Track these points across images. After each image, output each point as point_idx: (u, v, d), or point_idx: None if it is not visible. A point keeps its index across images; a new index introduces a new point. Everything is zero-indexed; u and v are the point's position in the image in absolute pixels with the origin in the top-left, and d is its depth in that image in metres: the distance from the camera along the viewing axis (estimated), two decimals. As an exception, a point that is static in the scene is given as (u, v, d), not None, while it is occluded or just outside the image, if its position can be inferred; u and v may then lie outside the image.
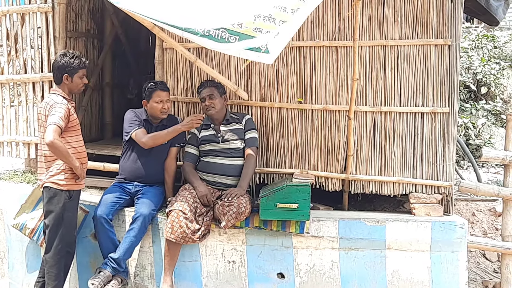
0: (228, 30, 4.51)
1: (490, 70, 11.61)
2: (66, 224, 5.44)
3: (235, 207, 5.52)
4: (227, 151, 5.95)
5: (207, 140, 6.01)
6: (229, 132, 5.99)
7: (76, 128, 5.51)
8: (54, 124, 5.17)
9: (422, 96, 5.99)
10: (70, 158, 5.29)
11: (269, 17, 4.59)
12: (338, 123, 6.15)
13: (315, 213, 5.91)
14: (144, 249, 5.93)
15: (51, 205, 5.42)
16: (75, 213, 5.57)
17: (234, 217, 5.52)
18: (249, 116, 6.17)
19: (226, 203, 5.56)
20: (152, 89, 6.00)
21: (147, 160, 6.00)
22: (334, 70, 6.11)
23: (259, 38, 4.47)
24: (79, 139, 5.55)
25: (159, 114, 6.02)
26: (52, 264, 5.48)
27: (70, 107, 5.43)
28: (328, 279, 5.81)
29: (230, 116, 6.10)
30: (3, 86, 7.24)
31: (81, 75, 5.54)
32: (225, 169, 5.91)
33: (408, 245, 5.76)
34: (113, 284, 5.55)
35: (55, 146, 5.13)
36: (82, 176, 5.47)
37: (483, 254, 7.27)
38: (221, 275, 5.87)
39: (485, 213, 7.67)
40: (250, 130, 6.08)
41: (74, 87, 5.54)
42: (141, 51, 9.83)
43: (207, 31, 4.51)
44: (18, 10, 6.98)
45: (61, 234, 5.43)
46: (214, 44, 4.53)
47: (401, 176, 6.06)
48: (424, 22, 5.93)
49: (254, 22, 4.55)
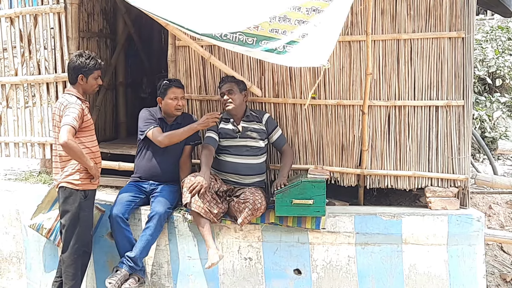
0: (245, 33, 4.59)
1: (504, 62, 11.54)
2: (82, 223, 5.47)
3: (251, 203, 5.52)
4: (243, 148, 5.94)
5: (224, 133, 6.00)
6: (248, 130, 5.98)
7: (90, 128, 5.52)
8: (68, 125, 5.19)
9: (436, 89, 5.97)
10: (84, 158, 5.31)
11: (284, 17, 4.68)
12: (352, 118, 6.13)
13: (331, 209, 5.90)
14: (160, 247, 5.94)
15: (66, 205, 5.46)
16: (90, 213, 5.60)
17: (250, 213, 5.53)
18: (268, 114, 6.15)
19: (241, 200, 5.58)
20: (167, 85, 6.01)
21: (162, 159, 6.01)
22: (347, 65, 6.09)
23: (278, 39, 4.57)
24: (93, 139, 5.58)
25: (173, 111, 6.02)
26: (69, 264, 5.50)
27: (84, 108, 5.45)
28: (345, 275, 5.79)
29: (250, 113, 6.08)
30: (18, 88, 7.27)
31: (96, 76, 5.56)
32: (240, 168, 5.91)
33: (425, 239, 5.74)
34: (130, 283, 5.56)
35: (69, 146, 5.16)
36: (96, 175, 5.49)
37: (501, 247, 7.24)
38: (238, 272, 5.88)
39: (502, 205, 7.63)
40: (275, 129, 6.09)
41: (88, 87, 5.57)
42: (154, 50, 9.85)
43: (224, 35, 4.59)
44: (31, 11, 7.00)
45: (77, 233, 5.46)
46: (233, 46, 4.62)
47: (416, 170, 6.04)
48: (437, 15, 5.90)
49: (270, 23, 4.63)
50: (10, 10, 7.15)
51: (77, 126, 5.28)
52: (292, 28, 4.61)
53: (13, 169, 8.31)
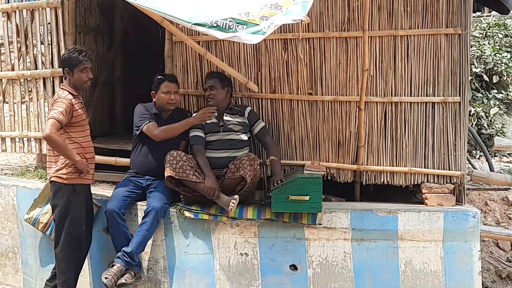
0: (235, 19, 4.57)
1: (501, 59, 11.55)
2: (72, 218, 5.47)
3: (246, 156, 5.73)
4: (225, 142, 5.97)
5: (208, 128, 6.02)
6: (231, 123, 6.00)
7: (81, 124, 5.52)
8: (53, 118, 5.22)
9: (432, 86, 5.97)
10: (69, 152, 5.31)
11: (276, 5, 4.65)
12: (349, 114, 6.14)
13: (327, 205, 5.91)
14: (157, 243, 5.94)
15: (56, 199, 5.49)
16: (82, 207, 5.57)
17: (249, 164, 5.65)
18: (250, 108, 6.19)
19: (236, 162, 5.75)
20: (161, 80, 6.04)
21: (158, 154, 5.99)
22: (344, 61, 6.09)
23: (263, 24, 4.54)
24: (85, 134, 5.57)
25: (166, 105, 6.03)
26: (61, 259, 5.54)
27: (76, 103, 5.44)
28: (340, 270, 5.80)
29: (233, 107, 6.12)
30: (14, 82, 7.25)
31: (81, 68, 5.48)
32: (225, 162, 5.91)
33: (420, 235, 5.75)
34: (126, 278, 5.56)
35: (52, 139, 5.18)
36: (85, 170, 5.47)
37: (496, 243, 7.25)
38: (234, 268, 5.88)
39: (498, 202, 7.65)
40: (257, 121, 6.12)
41: (76, 81, 5.51)
42: (151, 45, 9.82)
43: (214, 22, 4.58)
44: (28, 6, 6.98)
45: (67, 228, 5.48)
46: (221, 33, 4.57)
47: (412, 166, 6.05)
48: (434, 11, 5.91)
49: (261, 10, 4.62)
50: (7, 5, 7.13)
51: (63, 120, 5.26)
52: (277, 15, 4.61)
53: (9, 164, 8.30)
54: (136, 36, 9.14)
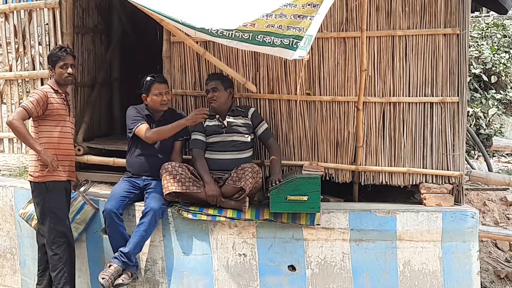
0: (241, 30, 4.61)
1: (500, 59, 11.54)
2: (51, 215, 5.56)
3: (249, 167, 5.67)
4: (229, 144, 5.96)
5: (211, 130, 6.01)
6: (234, 125, 5.99)
7: (56, 118, 5.59)
8: (21, 106, 5.38)
9: (431, 86, 5.97)
10: (31, 141, 5.39)
11: (280, 14, 4.67)
12: (347, 114, 6.13)
13: (325, 205, 5.90)
14: (154, 244, 5.93)
15: (35, 198, 5.64)
16: (60, 204, 5.62)
17: (251, 176, 5.61)
18: (254, 109, 6.18)
19: (239, 169, 5.71)
20: (151, 82, 6.01)
21: (152, 156, 5.99)
22: (342, 61, 6.09)
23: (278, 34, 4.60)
24: (62, 130, 5.64)
25: (159, 107, 6.02)
26: (50, 255, 5.62)
27: (54, 97, 5.55)
28: (339, 271, 5.80)
29: (235, 108, 6.11)
30: (12, 83, 7.24)
31: (61, 64, 5.61)
32: (228, 164, 5.91)
33: (419, 236, 5.74)
34: (124, 278, 5.55)
35: (13, 126, 5.33)
36: (51, 164, 5.45)
37: (495, 243, 7.25)
38: (232, 268, 5.87)
39: (496, 202, 7.65)
40: (261, 122, 6.11)
41: (58, 77, 5.65)
42: (149, 46, 9.81)
43: (220, 32, 4.60)
44: (25, 6, 6.99)
45: (49, 225, 5.57)
46: (229, 42, 4.66)
47: (411, 167, 6.04)
48: (432, 12, 5.91)
49: (266, 20, 4.64)
50: (5, 5, 7.14)
51: (33, 109, 5.37)
52: (288, 23, 4.61)
53: (7, 165, 8.29)
54: (134, 37, 9.13)
